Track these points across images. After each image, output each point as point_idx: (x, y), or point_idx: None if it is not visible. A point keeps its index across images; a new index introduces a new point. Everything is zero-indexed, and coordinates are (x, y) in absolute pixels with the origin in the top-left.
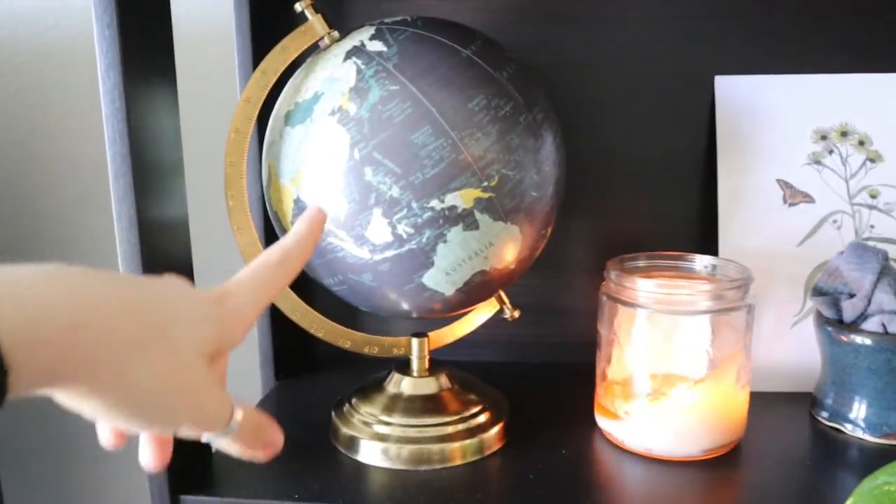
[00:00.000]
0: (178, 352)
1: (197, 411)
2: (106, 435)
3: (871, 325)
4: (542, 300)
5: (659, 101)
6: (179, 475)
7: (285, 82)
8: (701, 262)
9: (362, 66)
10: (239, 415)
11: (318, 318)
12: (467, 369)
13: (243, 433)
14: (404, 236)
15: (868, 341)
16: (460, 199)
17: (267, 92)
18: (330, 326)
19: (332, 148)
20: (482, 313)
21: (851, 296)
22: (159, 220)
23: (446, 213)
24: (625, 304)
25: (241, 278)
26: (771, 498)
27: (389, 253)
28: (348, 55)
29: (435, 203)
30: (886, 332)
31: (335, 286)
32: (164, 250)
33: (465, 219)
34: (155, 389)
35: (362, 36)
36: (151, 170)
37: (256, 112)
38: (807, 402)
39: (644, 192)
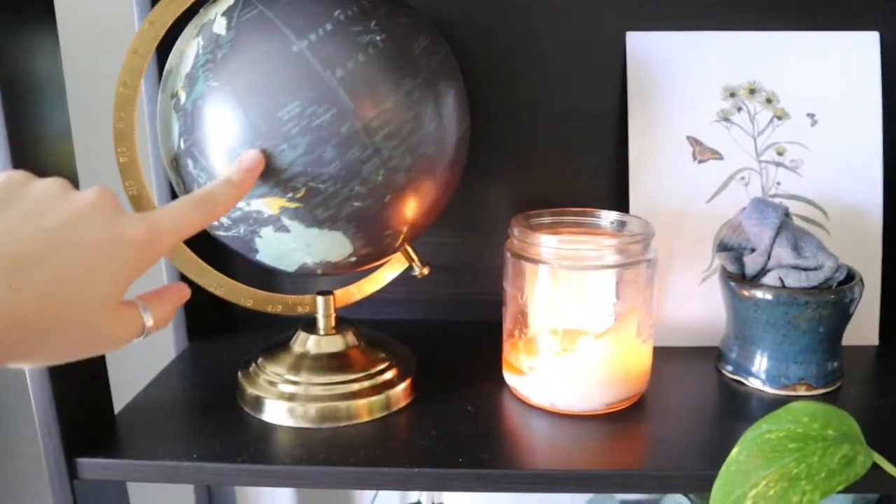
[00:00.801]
0: (90, 323)
1: (115, 345)
2: None
3: (770, 279)
4: (458, 259)
5: (571, 58)
6: (75, 438)
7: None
8: (606, 217)
9: (199, 51)
10: (149, 320)
11: (216, 276)
12: (383, 328)
13: (159, 322)
14: (225, 224)
15: (766, 295)
16: (265, 205)
17: (156, 44)
18: (230, 285)
19: (167, 128)
20: (391, 270)
21: (753, 251)
22: None
23: (254, 215)
24: (528, 260)
25: (167, 210)
26: (671, 449)
27: (221, 233)
28: (199, 30)
29: (242, 205)
30: (784, 286)
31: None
32: None
33: (275, 223)
34: (74, 352)
35: (219, 7)
36: (27, 115)
37: (145, 65)
38: (714, 356)
39: (558, 150)
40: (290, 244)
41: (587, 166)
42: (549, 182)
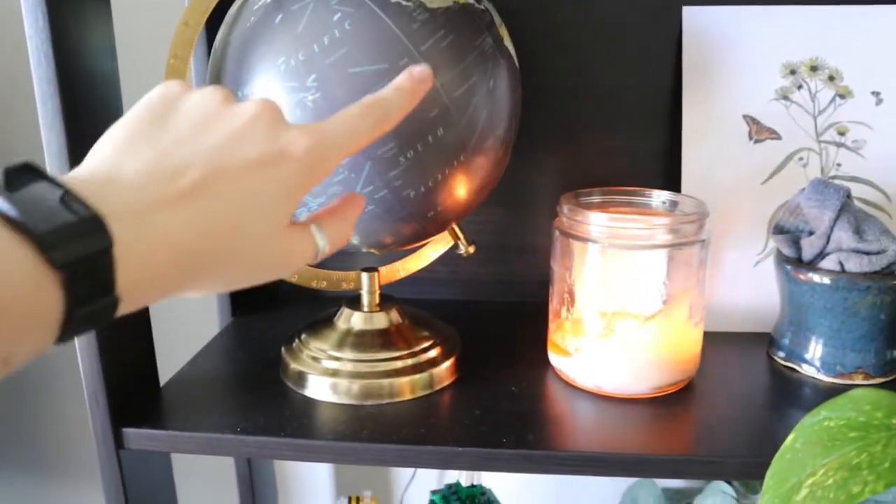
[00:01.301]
0: (258, 250)
1: (289, 270)
2: None
3: (828, 263)
4: (503, 238)
5: (626, 34)
6: (121, 408)
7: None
8: (658, 197)
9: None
10: (322, 240)
11: None
12: (426, 308)
13: (336, 242)
14: None
15: (824, 280)
16: None
17: (206, 16)
18: None
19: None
20: (435, 248)
21: (811, 234)
22: None
23: None
24: (577, 238)
25: (334, 122)
26: (721, 435)
27: None
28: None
29: None
30: (843, 271)
31: None
32: None
33: None
34: (246, 279)
35: None
36: (82, 93)
37: (195, 37)
38: (766, 342)
39: (610, 128)
40: None
41: (639, 145)
42: (599, 161)
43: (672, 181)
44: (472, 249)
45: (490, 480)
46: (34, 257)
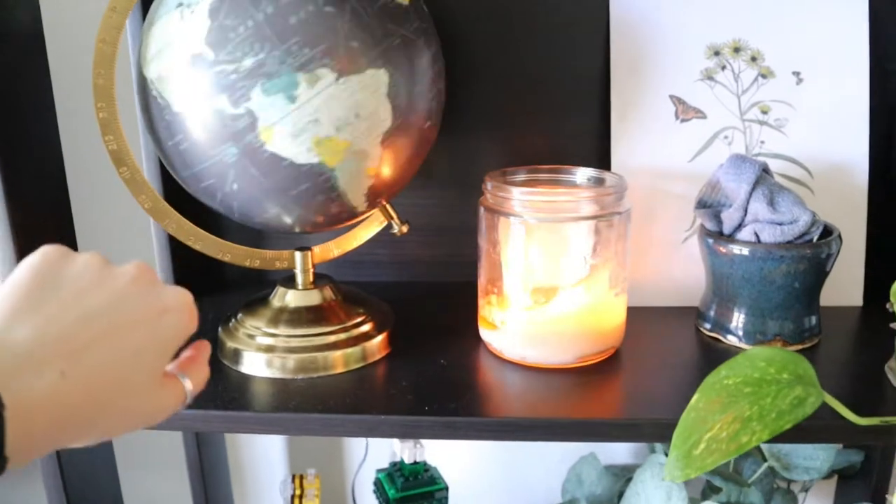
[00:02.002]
0: (141, 394)
1: (162, 417)
2: None
3: (745, 234)
4: (442, 220)
5: (556, 17)
6: None
7: None
8: (581, 173)
9: None
10: (189, 385)
11: (194, 230)
12: (367, 289)
13: (198, 385)
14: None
15: (742, 251)
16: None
17: (134, 2)
18: (209, 239)
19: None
20: (369, 229)
21: (731, 207)
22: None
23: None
24: (501, 213)
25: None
26: (642, 401)
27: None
28: None
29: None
30: (759, 241)
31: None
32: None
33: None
34: (123, 429)
35: None
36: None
37: (124, 21)
38: (695, 315)
39: (543, 111)
40: None
41: (572, 126)
42: (533, 143)
43: (604, 161)
44: (405, 228)
45: (439, 460)
46: None
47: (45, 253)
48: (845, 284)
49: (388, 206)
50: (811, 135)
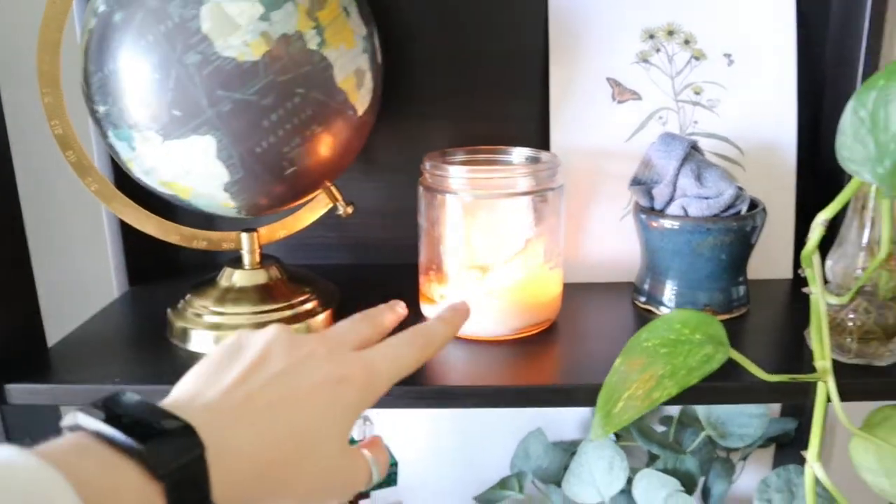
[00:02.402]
0: (326, 462)
1: (350, 486)
2: None
3: (674, 209)
4: (390, 203)
5: (497, 4)
6: (5, 363)
7: None
8: (517, 153)
9: None
10: (374, 467)
11: (141, 213)
12: (317, 272)
13: (382, 471)
14: None
15: (672, 224)
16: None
17: None
18: (157, 221)
19: None
20: (315, 211)
21: (662, 183)
22: None
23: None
24: (437, 191)
25: (394, 358)
26: (576, 369)
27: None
28: None
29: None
30: (687, 215)
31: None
32: None
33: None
34: (313, 493)
35: None
36: None
37: (69, 7)
38: (632, 290)
39: (486, 93)
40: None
41: (514, 110)
42: (478, 127)
43: (546, 142)
44: (350, 210)
45: (390, 437)
46: (140, 473)
47: (237, 332)
48: (776, 258)
49: (332, 189)
50: (742, 114)
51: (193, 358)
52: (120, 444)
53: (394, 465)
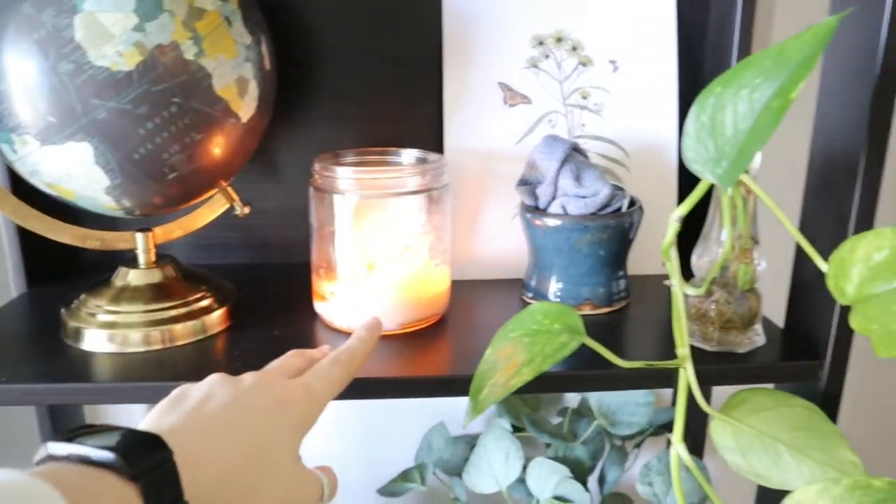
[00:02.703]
0: (281, 474)
1: (307, 499)
2: None
3: (555, 208)
4: (291, 203)
5: (394, 6)
6: None
7: None
8: (407, 154)
9: None
10: (325, 481)
11: (31, 213)
12: (218, 271)
13: (333, 489)
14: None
15: (553, 223)
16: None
17: None
18: (49, 221)
19: None
20: (212, 210)
21: (544, 183)
22: None
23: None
24: (325, 191)
25: (326, 379)
26: (460, 361)
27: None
28: None
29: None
30: (566, 213)
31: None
32: None
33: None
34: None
35: None
36: None
37: None
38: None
39: (383, 97)
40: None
41: (411, 110)
42: (376, 126)
43: (440, 143)
44: (247, 210)
45: None
46: (117, 477)
47: (180, 386)
48: (659, 253)
49: (228, 190)
50: (627, 118)
51: (86, 357)
52: (93, 458)
53: None
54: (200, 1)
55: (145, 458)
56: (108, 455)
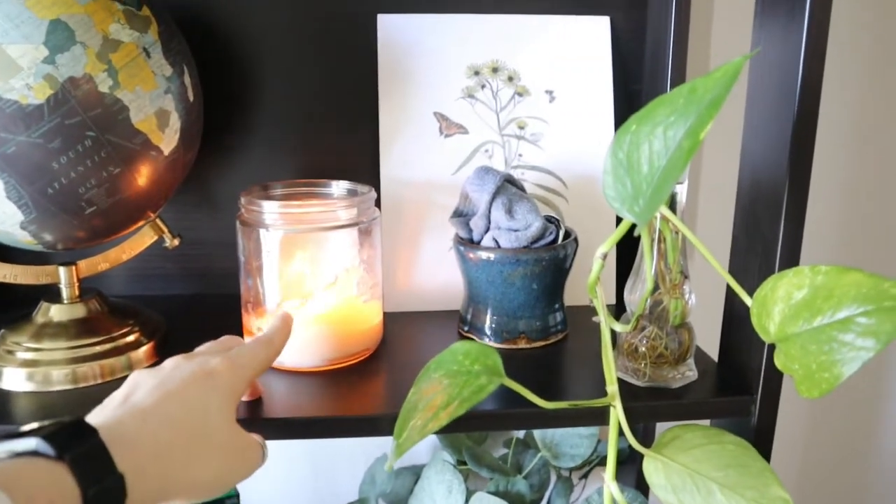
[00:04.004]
0: (219, 437)
1: (250, 462)
2: None
3: (487, 241)
4: (225, 235)
5: (329, 39)
6: None
7: None
8: (337, 186)
9: None
10: (265, 444)
11: None
12: (153, 303)
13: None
14: None
15: (485, 256)
16: None
17: None
18: None
19: None
20: (140, 242)
21: (476, 216)
22: None
23: None
24: (251, 226)
25: (248, 353)
26: (387, 398)
27: None
28: None
29: None
30: (499, 247)
31: None
32: None
33: None
34: (220, 471)
35: None
36: None
37: None
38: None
39: (320, 128)
40: None
41: (349, 144)
42: (314, 157)
43: (377, 174)
44: (176, 242)
45: None
46: (44, 459)
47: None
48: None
49: (158, 222)
50: (564, 148)
51: (4, 396)
52: (19, 450)
53: (234, 496)
54: (116, 32)
55: (70, 439)
56: (30, 441)
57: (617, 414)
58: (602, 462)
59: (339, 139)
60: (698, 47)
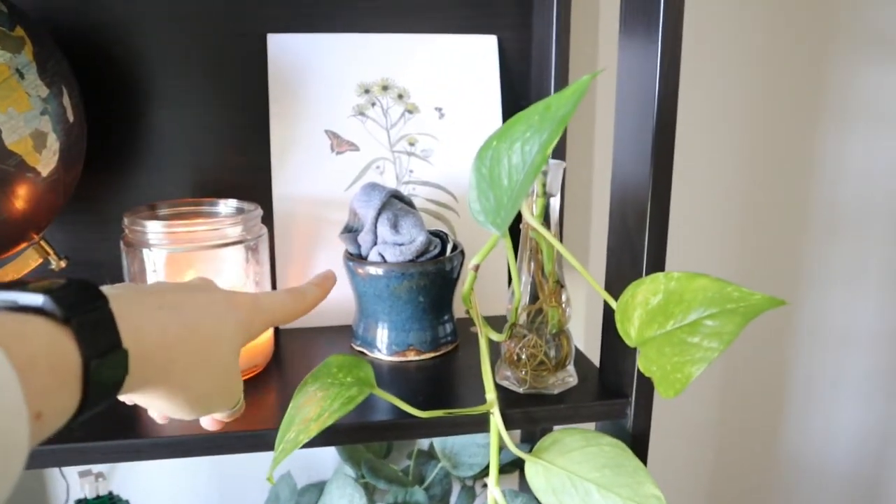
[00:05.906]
0: (223, 359)
1: (230, 401)
2: (156, 416)
3: (374, 255)
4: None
5: (219, 58)
6: None
7: None
8: (224, 205)
9: None
10: (242, 395)
11: None
12: None
13: (242, 407)
14: None
15: (372, 270)
16: None
17: None
18: None
19: None
20: (24, 264)
21: (363, 231)
22: None
23: None
24: (135, 246)
25: (274, 299)
26: (273, 415)
27: None
28: None
29: None
30: (385, 261)
31: None
32: None
33: None
34: (208, 391)
35: None
36: None
37: None
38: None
39: (211, 146)
40: None
41: (240, 159)
42: (204, 176)
43: (269, 191)
44: (63, 263)
45: (143, 493)
46: (46, 320)
47: None
48: (495, 295)
49: (42, 243)
50: (454, 163)
51: None
52: (21, 303)
53: None
54: None
55: (78, 302)
56: (36, 297)
57: (496, 421)
58: (503, 470)
59: (231, 158)
60: (584, 65)
